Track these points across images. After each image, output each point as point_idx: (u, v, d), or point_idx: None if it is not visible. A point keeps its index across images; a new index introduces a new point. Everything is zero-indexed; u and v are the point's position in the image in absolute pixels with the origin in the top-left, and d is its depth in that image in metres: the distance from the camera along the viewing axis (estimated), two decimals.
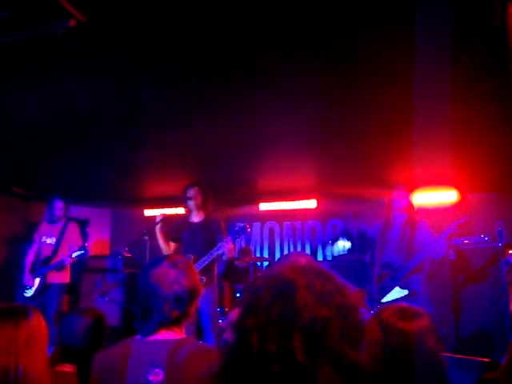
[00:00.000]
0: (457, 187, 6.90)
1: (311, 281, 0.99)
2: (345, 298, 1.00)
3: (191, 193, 5.13)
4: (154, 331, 1.84)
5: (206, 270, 4.84)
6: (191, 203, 5.13)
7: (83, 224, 7.34)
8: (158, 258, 2.01)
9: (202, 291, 2.02)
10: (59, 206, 6.02)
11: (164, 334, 1.84)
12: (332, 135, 5.20)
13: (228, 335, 1.03)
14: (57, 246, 5.94)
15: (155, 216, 5.50)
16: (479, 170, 6.10)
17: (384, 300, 4.77)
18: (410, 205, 5.01)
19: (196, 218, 5.18)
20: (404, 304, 1.55)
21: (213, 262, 4.95)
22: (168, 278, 1.88)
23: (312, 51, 3.44)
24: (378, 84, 3.87)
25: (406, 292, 4.68)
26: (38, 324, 1.84)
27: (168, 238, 5.23)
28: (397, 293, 4.73)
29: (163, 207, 8.02)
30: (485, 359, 3.36)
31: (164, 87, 4.10)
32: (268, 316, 0.95)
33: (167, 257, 2.00)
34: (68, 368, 2.40)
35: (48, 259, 5.87)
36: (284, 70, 3.75)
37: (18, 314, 1.81)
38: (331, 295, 0.98)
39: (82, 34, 3.08)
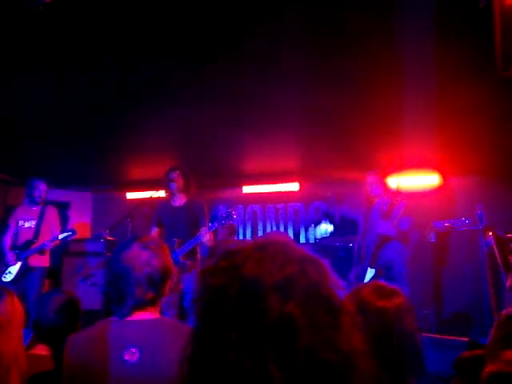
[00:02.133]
0: (439, 171, 6.95)
1: (265, 268, 0.86)
2: (311, 278, 0.87)
3: (173, 176, 5.08)
4: (128, 314, 1.82)
5: (190, 255, 4.85)
6: (173, 186, 5.08)
7: (63, 207, 7.26)
8: (128, 240, 1.97)
9: (175, 271, 1.99)
10: (42, 187, 5.93)
11: (139, 315, 1.83)
12: (315, 118, 5.19)
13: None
14: (37, 229, 5.86)
15: (137, 199, 5.46)
16: (461, 154, 6.14)
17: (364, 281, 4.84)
18: (385, 188, 5.08)
19: (178, 201, 5.14)
20: (380, 282, 1.54)
21: (195, 246, 4.94)
22: (139, 261, 1.85)
23: (298, 33, 3.41)
24: (362, 66, 3.86)
25: (373, 272, 4.77)
26: (12, 306, 1.82)
27: (157, 220, 5.21)
28: (370, 273, 4.82)
29: (145, 190, 7.96)
30: (464, 339, 3.41)
31: (147, 70, 4.04)
32: (233, 327, 0.83)
33: (137, 238, 1.96)
34: (42, 350, 2.38)
35: (29, 243, 5.79)
36: (268, 53, 3.71)
37: None
38: (295, 281, 0.86)
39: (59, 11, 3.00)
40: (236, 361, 0.81)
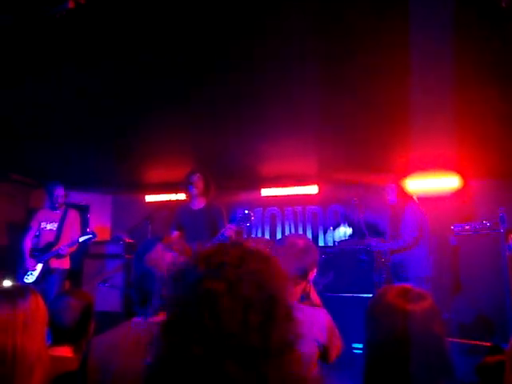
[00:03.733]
0: (459, 173, 6.87)
1: (209, 259, 0.96)
2: (250, 267, 0.94)
3: (193, 179, 5.11)
4: (154, 314, 1.83)
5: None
6: (193, 189, 5.11)
7: (83, 210, 7.34)
8: (152, 241, 1.98)
9: None
10: (61, 193, 6.00)
11: (164, 316, 1.83)
12: (333, 121, 5.16)
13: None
14: (59, 232, 5.94)
15: (156, 201, 5.50)
16: (482, 156, 6.07)
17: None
18: (402, 194, 5.14)
19: (197, 204, 5.17)
20: (407, 285, 1.52)
21: None
22: (164, 261, 1.86)
23: (314, 37, 3.40)
24: (381, 68, 3.83)
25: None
26: (36, 305, 1.84)
27: (177, 223, 5.24)
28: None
29: (164, 193, 8.02)
30: (486, 343, 3.36)
31: (164, 73, 4.07)
32: (177, 311, 0.94)
33: (161, 239, 1.97)
34: (64, 351, 2.38)
35: (50, 245, 5.87)
36: (286, 55, 3.71)
37: (15, 294, 1.81)
38: (231, 267, 0.93)
39: (81, 16, 3.04)
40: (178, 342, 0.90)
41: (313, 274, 2.39)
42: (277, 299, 0.93)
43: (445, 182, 6.97)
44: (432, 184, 6.87)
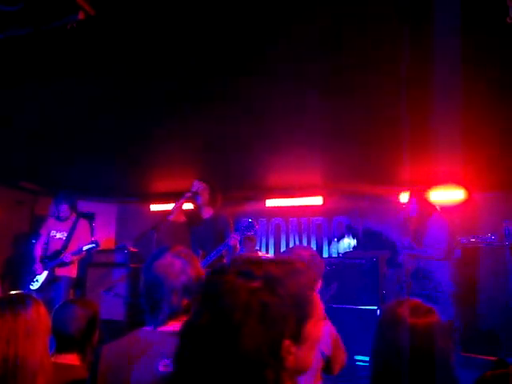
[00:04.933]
0: (463, 186, 6.87)
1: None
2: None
3: (199, 189, 5.14)
4: (163, 323, 1.83)
5: (215, 265, 4.88)
6: (199, 200, 5.14)
7: (89, 218, 7.37)
8: (161, 250, 1.98)
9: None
10: (63, 208, 6.05)
11: (173, 325, 1.83)
12: (339, 133, 5.18)
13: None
14: (67, 241, 5.98)
15: (161, 211, 5.52)
16: (486, 169, 6.07)
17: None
18: (425, 206, 5.12)
19: (204, 214, 5.20)
20: (419, 300, 1.53)
21: (221, 257, 4.97)
22: (174, 269, 1.87)
23: (322, 50, 3.42)
24: (387, 80, 3.85)
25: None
26: (38, 313, 1.84)
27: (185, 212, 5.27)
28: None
29: (169, 202, 8.03)
30: (491, 358, 3.35)
31: (171, 83, 4.10)
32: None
33: (169, 248, 1.97)
34: (70, 359, 2.39)
35: (57, 253, 5.91)
36: (294, 69, 3.73)
37: (17, 303, 1.82)
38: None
39: (91, 27, 3.08)
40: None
41: (318, 285, 2.40)
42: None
43: (449, 195, 6.96)
44: (437, 197, 6.86)
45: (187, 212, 5.29)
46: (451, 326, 4.53)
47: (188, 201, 5.27)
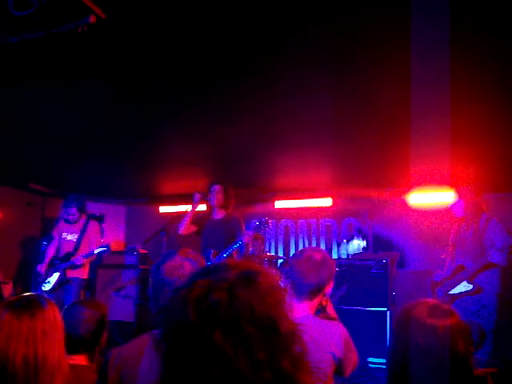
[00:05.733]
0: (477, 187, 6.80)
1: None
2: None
3: (214, 190, 5.19)
4: None
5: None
6: (213, 200, 5.18)
7: (100, 220, 7.41)
8: (169, 252, 1.98)
9: None
10: (73, 211, 6.08)
11: None
12: (348, 135, 5.18)
13: None
14: (78, 243, 6.02)
15: (170, 213, 5.56)
16: (489, 171, 6.02)
17: (451, 292, 4.76)
18: (474, 208, 4.85)
19: (217, 215, 5.25)
20: (436, 300, 1.52)
21: (231, 257, 5.00)
22: (184, 271, 1.86)
23: (329, 54, 3.43)
24: (397, 84, 3.84)
25: (470, 287, 4.65)
26: (54, 314, 1.86)
27: (195, 219, 5.32)
28: (463, 287, 4.69)
29: (178, 204, 8.06)
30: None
31: (179, 86, 4.12)
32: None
33: (177, 251, 1.96)
34: (80, 360, 2.41)
35: (69, 255, 5.95)
36: (301, 71, 3.75)
37: (33, 304, 1.84)
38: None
39: (102, 31, 3.10)
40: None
41: (329, 287, 2.40)
42: (277, 326, 0.90)
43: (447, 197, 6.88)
44: (436, 198, 6.80)
45: (197, 217, 5.32)
46: (472, 328, 4.39)
47: (200, 204, 5.32)
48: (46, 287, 5.83)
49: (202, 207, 5.51)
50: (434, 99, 3.96)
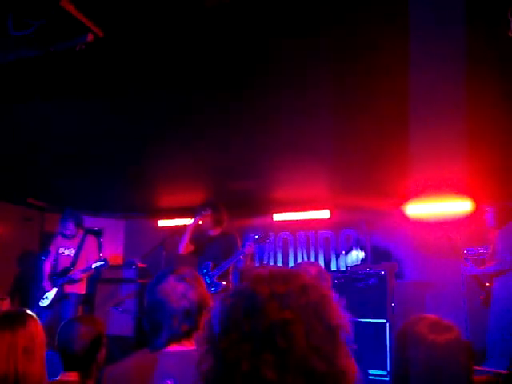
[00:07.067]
0: (471, 197, 6.82)
1: (272, 286, 0.95)
2: (310, 298, 0.95)
3: (204, 214, 5.27)
4: (164, 345, 1.83)
5: (224, 277, 4.96)
6: (206, 224, 5.34)
7: (97, 234, 7.42)
8: (164, 272, 1.98)
9: (211, 303, 1.99)
10: (70, 226, 6.09)
11: (175, 347, 1.83)
12: (346, 146, 5.20)
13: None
14: (76, 258, 6.01)
15: (169, 226, 5.62)
16: (495, 179, 6.04)
17: None
18: (502, 217, 5.18)
19: (213, 232, 5.33)
20: (435, 317, 1.53)
21: (228, 272, 5.02)
22: (175, 293, 1.86)
23: (327, 64, 3.46)
24: (393, 94, 3.87)
25: None
26: (36, 330, 1.85)
27: (192, 238, 5.36)
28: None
29: (177, 218, 8.06)
30: (503, 372, 3.31)
31: (176, 101, 4.15)
32: (240, 333, 0.91)
33: (174, 270, 1.96)
34: (72, 377, 2.38)
35: (66, 270, 5.94)
36: (299, 82, 3.77)
37: (15, 321, 1.83)
38: (294, 296, 0.94)
39: (100, 49, 3.13)
40: (235, 361, 0.90)
41: None
42: (336, 328, 0.98)
43: (456, 206, 6.91)
44: (444, 208, 6.83)
45: (194, 237, 5.40)
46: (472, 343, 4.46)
47: (195, 224, 5.40)
48: (44, 303, 5.81)
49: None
50: (432, 109, 3.99)
